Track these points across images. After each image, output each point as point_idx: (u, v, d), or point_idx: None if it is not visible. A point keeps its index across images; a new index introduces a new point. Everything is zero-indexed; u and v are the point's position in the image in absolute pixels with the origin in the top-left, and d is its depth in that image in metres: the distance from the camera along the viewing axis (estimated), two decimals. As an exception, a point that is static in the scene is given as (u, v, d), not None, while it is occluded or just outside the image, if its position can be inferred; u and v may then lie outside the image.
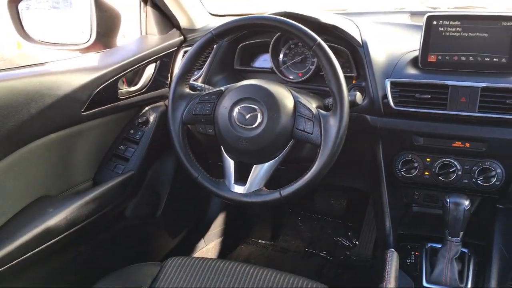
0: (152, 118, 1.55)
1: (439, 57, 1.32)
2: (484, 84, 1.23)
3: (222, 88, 1.27)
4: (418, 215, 1.54)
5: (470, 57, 1.29)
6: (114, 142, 1.52)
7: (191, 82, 1.35)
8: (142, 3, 1.63)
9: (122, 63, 1.42)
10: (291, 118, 1.17)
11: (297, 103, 1.19)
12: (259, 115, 1.17)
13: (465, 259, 1.38)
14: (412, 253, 1.45)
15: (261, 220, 2.30)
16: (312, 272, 2.05)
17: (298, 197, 1.17)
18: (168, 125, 1.28)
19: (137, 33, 1.69)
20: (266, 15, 1.27)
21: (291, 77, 1.53)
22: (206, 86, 1.39)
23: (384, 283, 1.25)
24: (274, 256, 2.17)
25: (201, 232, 2.07)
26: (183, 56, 1.64)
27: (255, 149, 1.19)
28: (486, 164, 1.31)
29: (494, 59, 1.27)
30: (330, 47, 1.17)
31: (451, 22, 1.29)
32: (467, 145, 1.31)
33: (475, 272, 1.36)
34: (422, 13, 1.36)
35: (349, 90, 1.39)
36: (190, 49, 1.27)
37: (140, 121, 1.53)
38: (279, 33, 1.50)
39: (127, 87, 1.52)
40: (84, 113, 1.32)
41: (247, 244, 2.25)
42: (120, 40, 1.63)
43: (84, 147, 1.40)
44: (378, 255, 1.49)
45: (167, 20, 1.67)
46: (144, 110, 1.58)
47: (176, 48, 1.66)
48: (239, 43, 1.57)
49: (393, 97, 1.31)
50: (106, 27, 1.53)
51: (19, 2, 1.47)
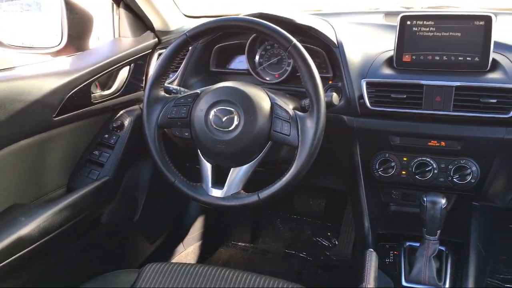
0: (127, 122, 1.52)
1: (414, 57, 1.33)
2: (458, 83, 1.24)
3: (198, 91, 1.26)
4: (396, 214, 1.54)
5: (444, 57, 1.30)
6: (88, 147, 1.48)
7: (166, 85, 1.33)
8: (115, 5, 1.60)
9: (95, 67, 1.39)
10: (268, 120, 1.16)
11: (274, 105, 1.18)
12: (236, 118, 1.16)
13: (443, 257, 1.39)
14: (391, 253, 1.45)
15: (241, 222, 2.29)
16: (293, 273, 2.05)
17: (277, 199, 1.16)
18: (143, 129, 1.26)
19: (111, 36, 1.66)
20: (241, 17, 1.26)
21: (268, 79, 1.52)
22: (182, 89, 1.37)
23: (364, 284, 1.25)
24: (254, 259, 2.16)
25: (180, 237, 2.05)
26: (158, 59, 1.61)
27: (232, 152, 1.18)
28: (462, 163, 1.33)
29: (468, 58, 1.28)
30: (306, 48, 1.16)
31: (425, 22, 1.30)
32: (443, 144, 1.32)
33: (453, 270, 1.37)
34: (396, 13, 1.37)
35: (326, 91, 1.39)
36: (164, 52, 1.25)
37: (115, 125, 1.50)
38: (255, 35, 1.49)
39: (101, 91, 1.49)
40: (56, 119, 1.29)
41: (227, 247, 2.24)
42: (95, 43, 1.60)
43: (57, 153, 1.37)
44: (358, 255, 1.49)
45: (141, 22, 1.64)
46: (119, 114, 1.55)
47: (151, 51, 1.64)
48: (215, 45, 1.55)
49: (369, 97, 1.32)
50: (78, 30, 1.50)
51: (-13, 5, 1.43)
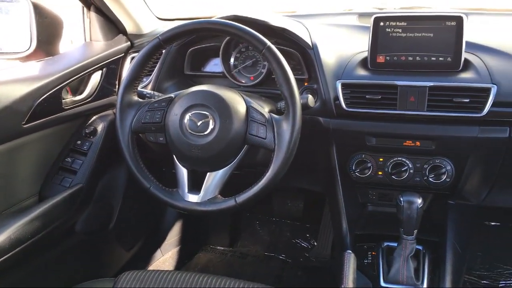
0: (100, 128, 1.49)
1: (387, 58, 1.33)
2: (432, 83, 1.25)
3: (172, 95, 1.24)
4: (374, 214, 1.55)
5: (417, 57, 1.31)
6: (60, 155, 1.45)
7: (140, 90, 1.30)
8: (85, 9, 1.56)
9: (66, 72, 1.36)
10: (244, 124, 1.15)
11: (249, 108, 1.17)
12: (211, 122, 1.15)
13: (420, 257, 1.40)
14: (369, 253, 1.46)
15: (219, 226, 2.27)
16: (272, 276, 2.04)
17: (254, 203, 1.15)
18: (117, 135, 1.23)
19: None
20: (215, 19, 1.25)
21: (243, 81, 1.51)
22: (156, 93, 1.35)
23: (342, 285, 1.25)
24: (233, 262, 2.14)
25: (157, 243, 2.02)
26: (130, 63, 1.59)
27: (208, 157, 1.16)
28: (436, 162, 1.34)
29: (440, 59, 1.30)
30: (281, 50, 1.16)
31: (398, 23, 1.31)
32: (418, 144, 1.33)
33: (430, 269, 1.38)
34: (370, 14, 1.37)
35: (301, 93, 1.39)
36: (137, 56, 1.23)
37: (88, 131, 1.47)
38: (229, 37, 1.48)
39: (72, 96, 1.45)
40: (26, 126, 1.25)
41: (206, 252, 2.21)
42: (68, 46, 1.56)
43: (28, 161, 1.33)
44: (336, 256, 1.49)
45: (113, 26, 1.61)
46: (92, 120, 1.52)
47: (123, 54, 1.61)
48: (189, 48, 1.53)
49: (345, 99, 1.32)
50: (48, 34, 1.46)
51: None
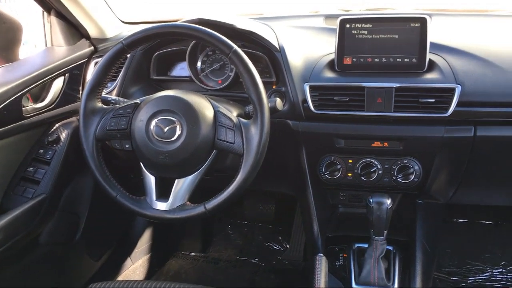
0: (64, 135, 1.45)
1: (354, 59, 1.34)
2: (398, 84, 1.26)
3: (138, 101, 1.21)
4: (345, 216, 1.56)
5: (383, 58, 1.32)
6: (22, 164, 1.40)
7: (104, 96, 1.27)
8: (45, 13, 1.52)
9: (25, 78, 1.32)
10: (212, 129, 1.14)
11: (217, 113, 1.16)
12: (178, 128, 1.12)
13: (391, 257, 1.41)
14: (341, 255, 1.46)
15: (190, 232, 2.24)
16: (245, 281, 2.02)
17: (224, 208, 1.13)
18: (81, 143, 1.20)
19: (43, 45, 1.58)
20: (179, 23, 1.23)
21: (211, 85, 1.50)
22: (121, 99, 1.32)
23: (315, 289, 1.25)
24: (206, 268, 2.12)
25: (127, 251, 1.97)
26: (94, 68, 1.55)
27: (176, 163, 1.14)
28: (404, 162, 1.35)
29: (405, 60, 1.31)
30: (248, 53, 1.15)
31: (363, 25, 1.32)
32: (386, 145, 1.34)
33: (401, 269, 1.40)
34: (336, 16, 1.38)
35: (269, 96, 1.39)
36: (100, 61, 1.20)
37: (50, 140, 1.43)
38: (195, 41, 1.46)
39: (33, 104, 1.40)
40: None
41: (177, 258, 2.18)
42: (32, 51, 1.51)
43: (-13, 172, 1.28)
44: (309, 258, 1.48)
45: (75, 30, 1.57)
46: (55, 127, 1.47)
47: (87, 59, 1.57)
48: (155, 52, 1.50)
49: (313, 101, 1.32)
50: (6, 40, 1.42)
51: None
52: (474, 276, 1.90)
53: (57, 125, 1.48)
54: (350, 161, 1.39)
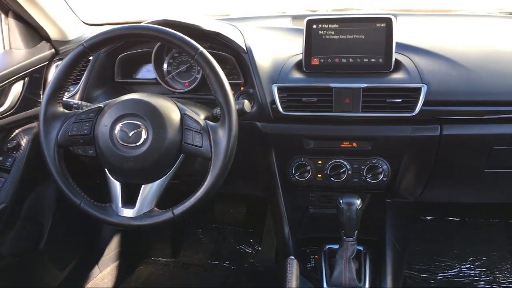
0: (24, 142, 1.40)
1: (322, 60, 1.34)
2: (365, 85, 1.27)
3: (101, 105, 1.18)
4: (315, 217, 1.55)
5: (350, 59, 1.33)
6: None
7: (66, 100, 1.23)
8: (3, 15, 1.46)
9: None
10: (179, 132, 1.11)
11: (184, 116, 1.13)
12: (144, 132, 1.10)
13: (361, 257, 1.41)
14: (312, 257, 1.46)
15: (160, 237, 2.20)
16: (217, 284, 2.00)
17: (193, 213, 1.11)
18: (42, 150, 1.15)
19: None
20: (143, 25, 1.20)
21: (178, 88, 1.47)
22: (83, 103, 1.28)
23: (286, 292, 1.24)
24: (177, 274, 2.08)
25: (95, 259, 1.92)
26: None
27: (142, 168, 1.11)
28: (373, 162, 1.36)
29: (372, 60, 1.31)
30: (215, 55, 1.13)
31: (330, 25, 1.32)
32: (354, 145, 1.34)
33: (372, 269, 1.40)
34: (303, 17, 1.37)
35: (237, 98, 1.37)
36: (60, 64, 1.16)
37: (10, 146, 1.37)
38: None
39: (-9, 109, 1.35)
40: None
41: (147, 264, 2.14)
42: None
43: None
44: (281, 260, 1.47)
45: (34, 32, 1.52)
46: (14, 134, 1.42)
47: (47, 62, 1.52)
48: (119, 54, 1.47)
49: (281, 102, 1.31)
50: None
51: None
52: (443, 273, 1.93)
53: (17, 131, 1.43)
54: (320, 162, 1.39)
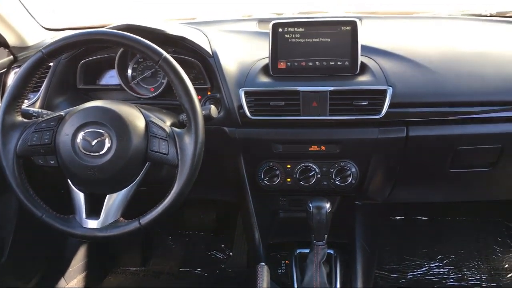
0: None
1: (289, 64, 1.33)
2: (332, 88, 1.27)
3: (62, 113, 1.14)
4: (286, 221, 1.55)
5: (317, 62, 1.33)
6: None
7: (25, 108, 1.19)
8: (-45, 21, 1.40)
9: None
10: (144, 140, 1.09)
11: (149, 123, 1.11)
12: (107, 140, 1.07)
13: (332, 261, 1.41)
14: (283, 263, 1.45)
15: (128, 246, 2.15)
16: None
17: (161, 221, 1.09)
18: (0, 161, 1.10)
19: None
20: (105, 30, 1.17)
21: (143, 93, 1.44)
22: (44, 111, 1.23)
23: (257, 299, 1.23)
24: (147, 283, 2.04)
25: (60, 271, 1.86)
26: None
27: (107, 178, 1.08)
28: (342, 165, 1.36)
29: (338, 63, 1.32)
30: (180, 60, 1.12)
31: (296, 29, 1.32)
32: (323, 148, 1.35)
33: (342, 272, 1.40)
34: (269, 20, 1.36)
35: (204, 103, 1.36)
36: (18, 71, 1.12)
37: (-34, 158, 1.30)
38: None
39: None
40: None
41: (116, 274, 2.09)
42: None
43: None
44: (252, 266, 1.46)
45: (-9, 38, 1.46)
46: None
47: (5, 70, 1.46)
48: (81, 60, 1.42)
49: (249, 107, 1.30)
50: None
51: None
52: (413, 272, 1.95)
53: None
54: (289, 166, 1.38)
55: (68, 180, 1.14)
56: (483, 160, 1.40)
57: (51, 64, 1.38)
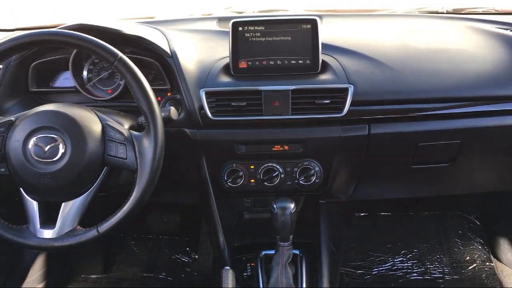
0: None
1: (250, 63, 1.31)
2: (294, 87, 1.26)
3: (12, 118, 1.08)
4: (251, 222, 1.54)
5: (278, 61, 1.31)
6: None
7: None
8: None
9: None
10: (100, 144, 1.06)
11: (106, 126, 1.08)
12: (61, 146, 1.03)
13: (298, 261, 1.41)
14: (248, 265, 1.44)
15: (89, 252, 2.08)
16: None
17: (121, 228, 1.05)
18: None
19: None
20: (56, 30, 1.12)
21: (100, 95, 1.39)
22: None
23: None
24: None
25: (16, 282, 1.78)
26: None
27: (61, 185, 1.04)
28: (305, 164, 1.36)
29: (300, 61, 1.31)
30: (137, 60, 1.09)
31: (256, 28, 1.30)
32: (286, 148, 1.34)
33: (308, 273, 1.40)
34: (229, 19, 1.34)
35: (164, 104, 1.33)
36: None
37: None
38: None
39: None
40: None
41: (77, 282, 2.02)
42: None
43: None
44: (218, 269, 1.44)
45: None
46: None
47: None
48: (33, 61, 1.36)
49: (210, 107, 1.27)
50: None
51: None
52: (378, 267, 1.97)
53: None
54: (252, 167, 1.37)
55: (20, 189, 1.09)
56: (443, 156, 1.43)
57: (0, 66, 1.32)
